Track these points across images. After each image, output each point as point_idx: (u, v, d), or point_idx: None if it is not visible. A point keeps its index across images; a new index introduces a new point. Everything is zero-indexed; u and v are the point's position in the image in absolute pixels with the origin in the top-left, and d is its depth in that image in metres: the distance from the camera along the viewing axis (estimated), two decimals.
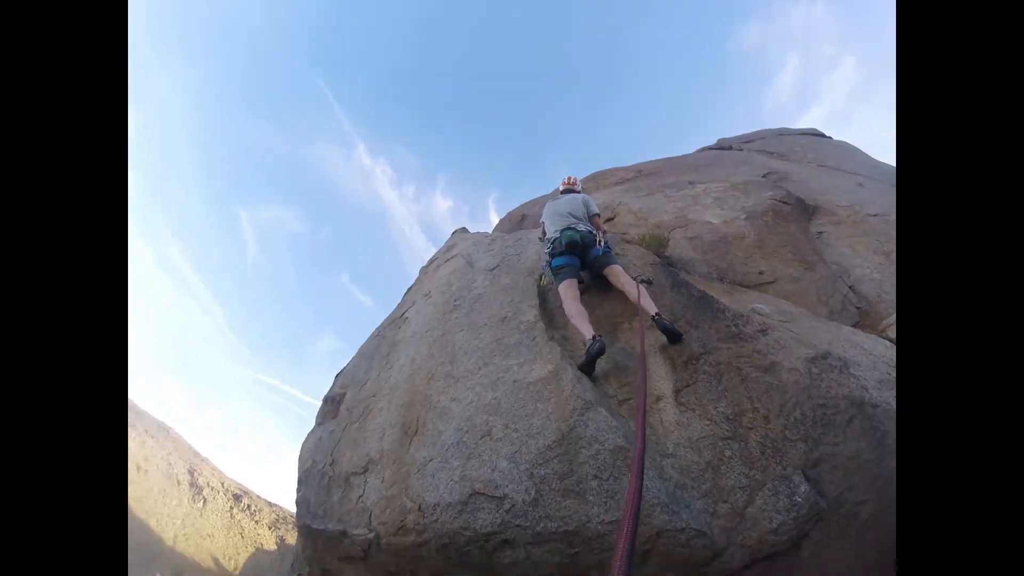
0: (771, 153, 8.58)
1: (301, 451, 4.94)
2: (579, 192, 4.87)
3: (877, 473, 2.76)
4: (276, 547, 25.45)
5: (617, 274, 3.97)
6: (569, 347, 3.56)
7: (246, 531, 25.41)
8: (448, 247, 6.40)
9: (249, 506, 26.62)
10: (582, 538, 2.67)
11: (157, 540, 22.00)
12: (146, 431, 25.71)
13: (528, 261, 4.69)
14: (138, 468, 23.48)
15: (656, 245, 4.68)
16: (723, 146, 10.02)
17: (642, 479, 1.40)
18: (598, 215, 4.59)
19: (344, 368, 5.67)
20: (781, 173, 6.63)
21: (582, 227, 4.26)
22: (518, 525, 2.75)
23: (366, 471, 3.68)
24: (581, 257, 4.18)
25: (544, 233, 4.56)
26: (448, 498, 2.94)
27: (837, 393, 2.94)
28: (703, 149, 10.24)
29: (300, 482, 4.73)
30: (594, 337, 3.35)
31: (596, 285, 4.25)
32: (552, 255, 4.22)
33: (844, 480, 2.72)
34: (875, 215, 5.48)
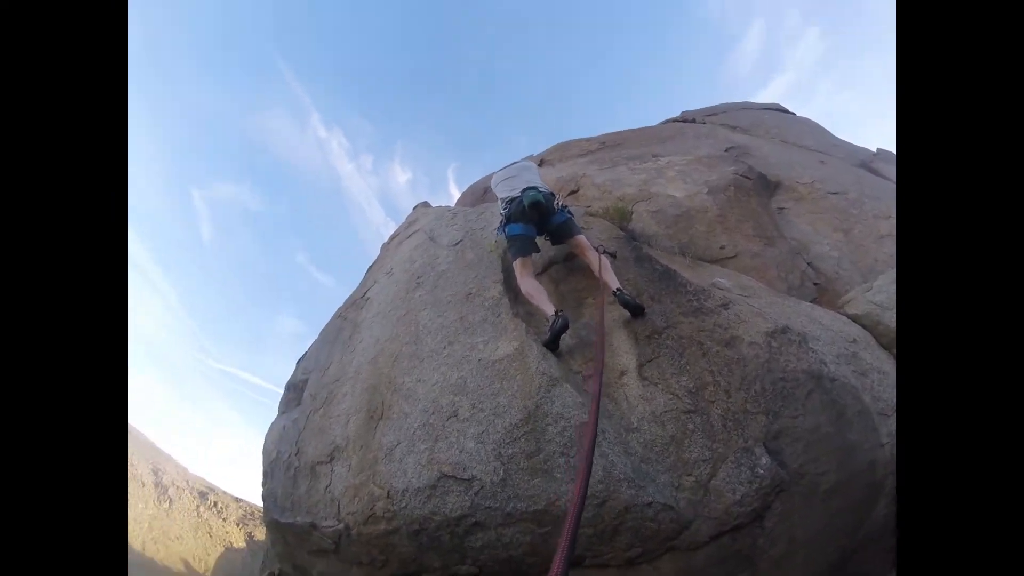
0: (734, 127, 8.63)
1: (265, 442, 4.81)
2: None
3: (837, 445, 2.83)
4: (245, 544, 25.10)
5: (582, 245, 3.85)
6: (534, 323, 3.53)
7: (214, 530, 25.00)
8: (409, 222, 6.27)
9: (216, 503, 26.17)
10: (552, 516, 2.67)
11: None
12: None
13: (492, 235, 4.60)
14: None
15: (620, 218, 4.67)
16: (687, 119, 10.02)
17: (589, 475, 1.39)
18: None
19: (306, 353, 5.54)
20: (744, 148, 6.67)
21: (544, 188, 4.08)
22: (488, 507, 2.73)
23: (332, 459, 3.61)
24: (541, 224, 3.97)
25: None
26: (416, 483, 2.90)
27: (796, 367, 2.99)
28: (667, 121, 10.22)
29: (266, 475, 4.63)
30: (556, 313, 3.29)
31: (557, 255, 4.23)
32: (509, 219, 3.97)
33: (805, 452, 2.78)
34: (835, 193, 5.59)
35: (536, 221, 3.92)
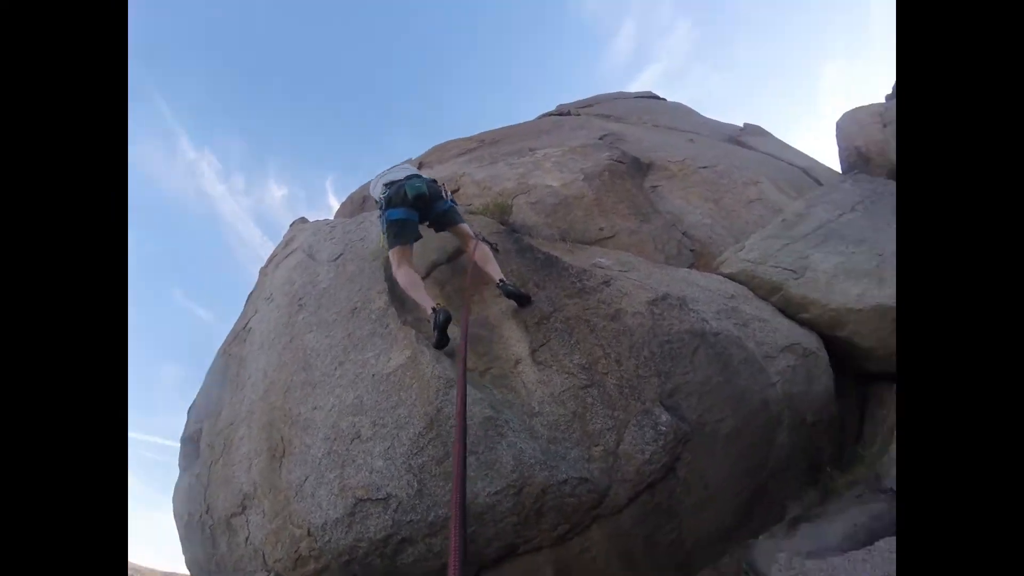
0: (608, 116, 8.87)
1: (174, 506, 4.50)
2: None
3: (729, 393, 3.00)
4: None
5: (466, 235, 3.79)
6: (424, 328, 3.45)
7: None
8: (287, 241, 6.00)
9: None
10: (474, 515, 2.65)
11: None
12: None
13: (373, 244, 4.46)
14: None
15: (500, 213, 4.70)
16: (562, 112, 10.20)
17: (464, 474, 1.44)
18: None
19: (195, 400, 5.19)
20: (617, 135, 6.86)
21: (426, 176, 4.01)
22: (410, 521, 2.67)
23: (245, 509, 3.41)
24: (424, 212, 3.83)
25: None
26: (334, 513, 2.79)
27: (679, 328, 3.13)
28: (544, 116, 10.38)
29: (183, 540, 4.35)
30: (434, 308, 3.25)
31: (440, 257, 4.22)
32: (389, 202, 3.76)
33: (700, 403, 2.92)
34: (705, 167, 5.89)
35: (420, 209, 3.79)
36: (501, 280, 3.42)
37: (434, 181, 4.03)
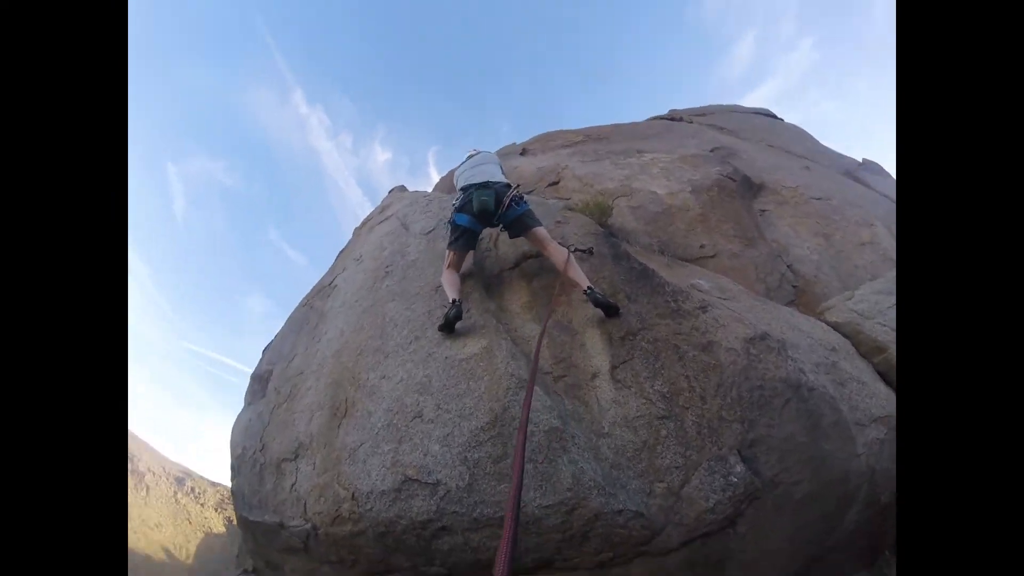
0: (721, 128, 8.53)
1: (232, 436, 4.69)
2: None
3: (811, 456, 2.78)
4: (225, 529, 24.99)
5: (542, 240, 3.61)
6: (504, 319, 3.39)
7: (193, 516, 24.89)
8: (383, 207, 6.07)
9: (193, 488, 26.02)
10: (519, 523, 2.59)
11: None
12: None
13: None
14: None
15: (599, 213, 4.52)
16: (674, 117, 9.94)
17: (521, 481, 1.37)
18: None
19: (271, 342, 5.38)
20: (730, 149, 6.57)
21: (498, 180, 3.89)
22: (454, 512, 2.63)
23: (297, 456, 3.49)
24: (493, 219, 3.75)
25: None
26: (381, 485, 2.79)
27: (774, 375, 2.91)
28: (654, 118, 10.14)
29: (234, 470, 4.51)
30: (453, 301, 3.30)
31: (530, 248, 3.98)
32: (458, 209, 3.80)
33: (779, 461, 2.71)
34: (818, 198, 5.55)
35: (488, 217, 3.73)
36: (589, 288, 3.26)
37: (508, 185, 3.89)
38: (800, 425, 2.81)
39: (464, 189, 3.87)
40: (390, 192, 6.62)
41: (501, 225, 3.81)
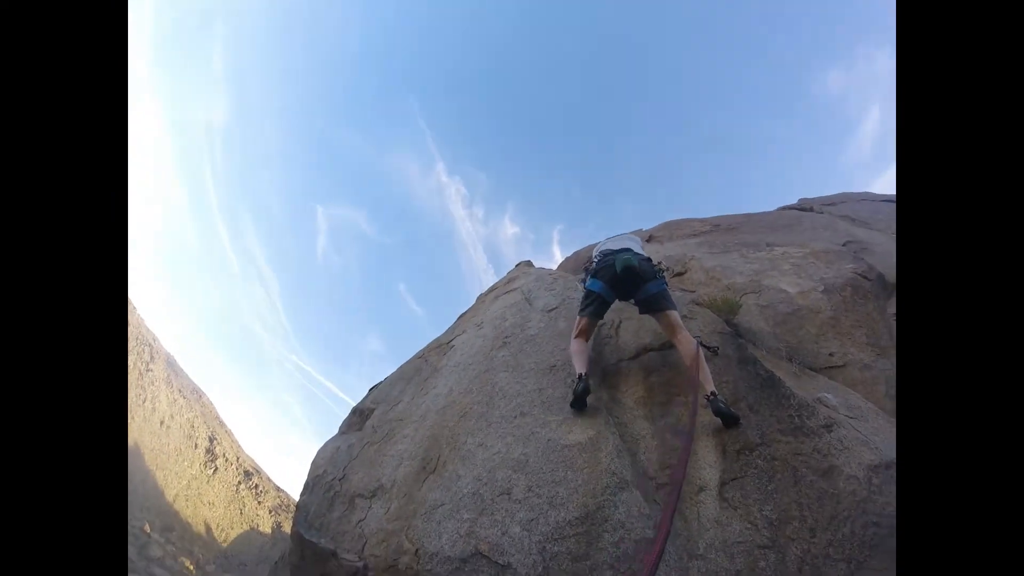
0: (853, 219, 7.83)
1: (316, 457, 4.80)
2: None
3: None
4: (271, 532, 25.53)
5: (674, 325, 3.42)
6: (616, 411, 3.26)
7: (246, 509, 25.70)
8: (509, 279, 6.18)
9: (257, 485, 26.96)
10: None
11: (158, 493, 22.45)
12: (180, 391, 26.50)
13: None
14: (161, 423, 24.18)
15: (727, 310, 4.25)
16: (804, 207, 9.48)
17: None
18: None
19: (380, 383, 5.52)
20: (862, 243, 6.04)
21: (641, 251, 3.83)
22: None
23: (373, 496, 3.49)
24: (629, 292, 3.66)
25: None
26: (449, 551, 2.70)
27: (893, 511, 2.54)
28: (784, 208, 9.74)
29: (306, 487, 4.59)
30: (581, 375, 3.21)
31: (652, 341, 3.84)
32: (593, 274, 3.75)
33: None
34: None
35: (625, 287, 3.64)
36: (712, 393, 3.04)
37: (648, 260, 3.78)
38: None
39: (604, 254, 3.80)
40: (517, 266, 6.75)
41: (634, 300, 3.68)
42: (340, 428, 4.93)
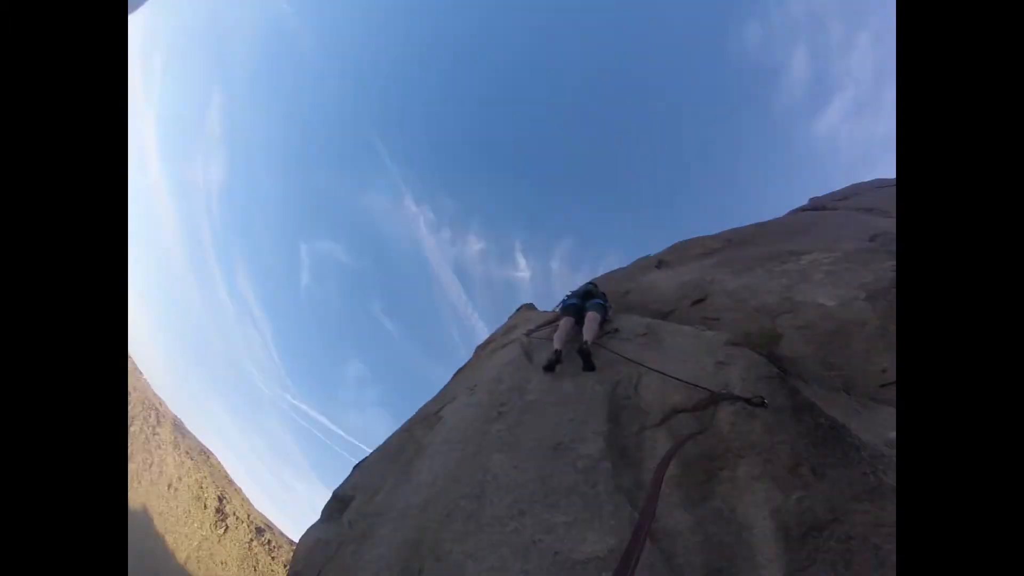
0: (870, 210, 7.27)
1: (298, 547, 4.22)
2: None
3: None
4: None
5: (588, 318, 4.22)
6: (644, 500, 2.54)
7: (260, 565, 25.34)
8: (508, 328, 5.50)
9: (270, 541, 26.63)
10: None
11: (168, 556, 22.21)
12: (187, 452, 26.33)
13: (602, 361, 3.75)
14: (169, 485, 23.92)
15: (766, 342, 3.65)
16: (817, 206, 8.99)
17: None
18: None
19: (364, 460, 4.86)
20: (889, 233, 5.41)
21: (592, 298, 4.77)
22: None
23: None
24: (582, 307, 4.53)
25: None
26: None
27: None
28: (795, 211, 9.26)
29: (298, 558, 4.02)
30: (556, 350, 3.84)
31: (682, 401, 3.20)
32: (567, 298, 4.90)
33: None
34: None
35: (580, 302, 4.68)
36: (585, 341, 3.79)
37: (603, 295, 4.98)
38: None
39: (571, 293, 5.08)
40: (517, 310, 6.03)
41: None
42: (322, 514, 4.27)
